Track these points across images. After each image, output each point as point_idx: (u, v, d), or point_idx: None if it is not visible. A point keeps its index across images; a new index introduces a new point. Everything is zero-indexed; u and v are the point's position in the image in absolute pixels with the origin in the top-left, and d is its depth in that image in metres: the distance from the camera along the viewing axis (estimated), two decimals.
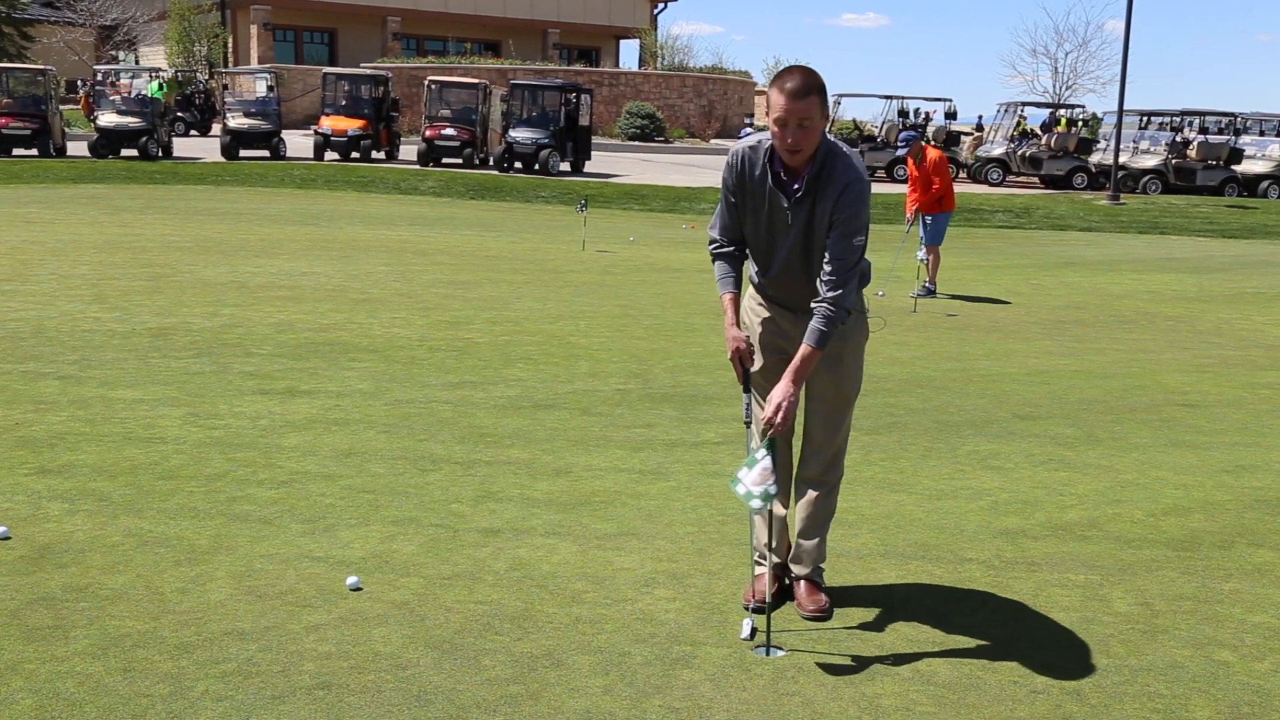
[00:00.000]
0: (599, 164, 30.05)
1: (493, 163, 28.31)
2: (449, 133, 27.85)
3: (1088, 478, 5.49)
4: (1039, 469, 5.60)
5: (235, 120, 27.54)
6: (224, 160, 26.41)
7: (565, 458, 5.45)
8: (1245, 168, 30.44)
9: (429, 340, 8.07)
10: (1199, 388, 7.66)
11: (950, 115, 34.23)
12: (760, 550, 3.92)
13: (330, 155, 28.13)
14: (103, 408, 5.96)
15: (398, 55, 42.55)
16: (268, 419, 5.88)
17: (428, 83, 28.97)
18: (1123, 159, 28.89)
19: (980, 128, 37.41)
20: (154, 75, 30.56)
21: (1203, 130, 32.24)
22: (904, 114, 33.77)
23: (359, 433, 5.71)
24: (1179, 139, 30.97)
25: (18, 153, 25.17)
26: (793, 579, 3.93)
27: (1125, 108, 28.19)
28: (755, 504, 3.49)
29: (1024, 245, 17.66)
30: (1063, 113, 35.46)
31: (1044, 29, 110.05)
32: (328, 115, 28.61)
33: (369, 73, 30.39)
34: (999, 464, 5.66)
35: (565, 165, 28.01)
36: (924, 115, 34.63)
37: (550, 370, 7.31)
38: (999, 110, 33.39)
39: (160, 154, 26.09)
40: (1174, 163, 30.19)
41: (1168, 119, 32.34)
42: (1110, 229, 21.08)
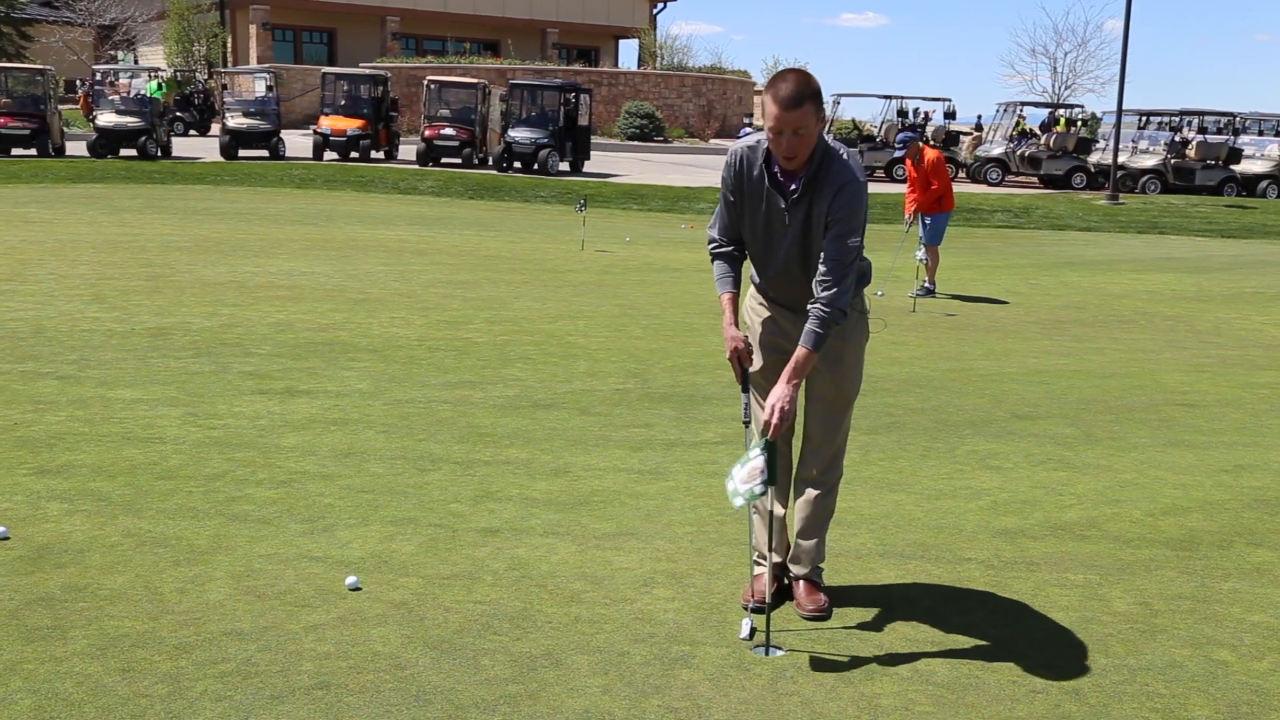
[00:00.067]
0: (598, 164, 30.05)
1: (492, 162, 28.30)
2: (448, 132, 27.86)
3: (1087, 477, 5.49)
4: (1038, 469, 5.60)
5: (234, 120, 27.54)
6: (223, 160, 26.40)
7: (564, 457, 5.46)
8: (1244, 167, 30.45)
9: (428, 340, 8.07)
10: (1198, 387, 7.66)
11: (949, 115, 34.23)
12: (759, 550, 3.92)
13: (329, 155, 28.13)
14: (101, 408, 5.96)
15: (397, 55, 42.56)
16: (267, 419, 5.88)
17: (427, 82, 28.97)
18: (1122, 159, 28.90)
19: (979, 127, 37.44)
20: (153, 75, 30.55)
21: (1201, 130, 32.25)
22: (903, 114, 33.76)
23: (358, 433, 5.71)
24: (1178, 139, 30.97)
25: (16, 152, 25.16)
26: (792, 579, 3.93)
27: (1124, 107, 28.20)
28: (738, 501, 3.48)
29: (1023, 245, 17.67)
30: (1062, 112, 35.48)
31: (1043, 29, 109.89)
32: (327, 115, 28.61)
33: (368, 72, 30.40)
34: (998, 464, 5.66)
35: (564, 165, 28.01)
36: (923, 115, 34.62)
37: (549, 370, 7.31)
38: (998, 110, 33.44)
39: (159, 154, 26.09)
40: (1173, 162, 30.20)
41: (1167, 119, 32.36)
42: (1109, 229, 21.08)
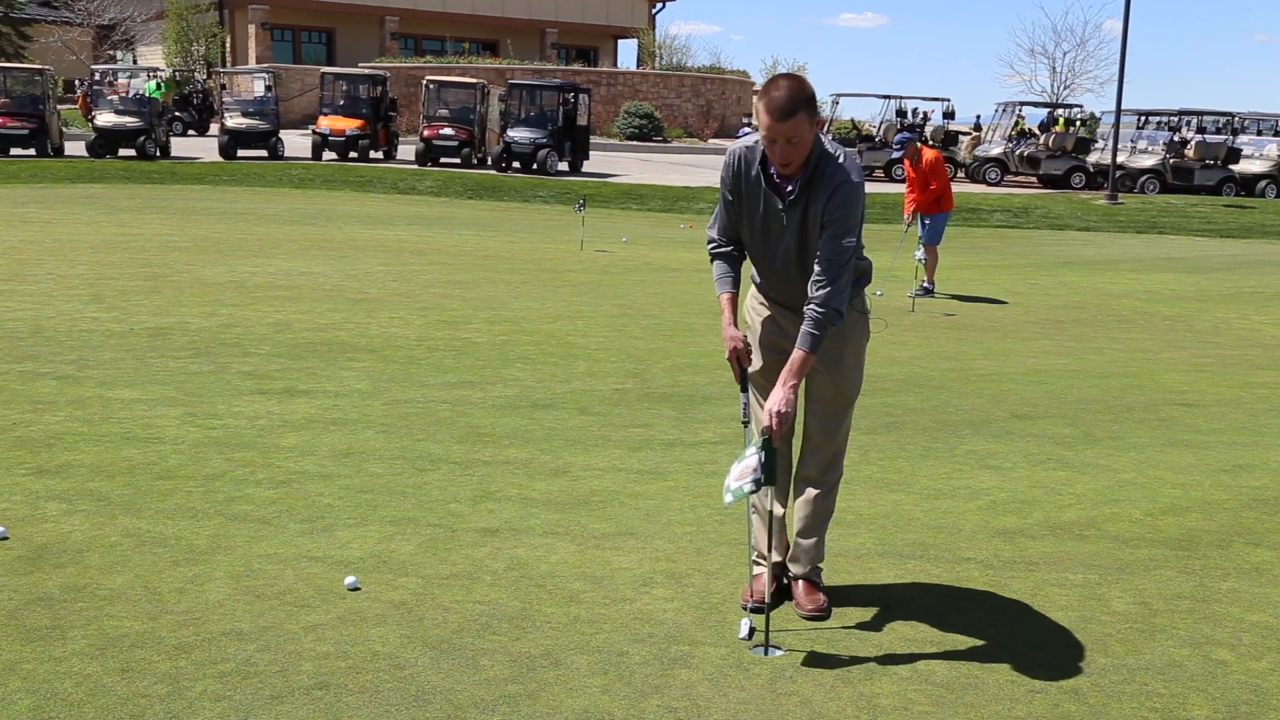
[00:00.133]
0: (597, 164, 30.05)
1: (491, 162, 28.30)
2: (447, 132, 27.85)
3: (1086, 477, 5.49)
4: (1037, 468, 5.60)
5: (233, 120, 27.52)
6: (222, 160, 26.39)
7: (563, 457, 5.45)
8: (1243, 167, 30.45)
9: (427, 340, 8.07)
10: (1197, 387, 7.66)
11: (948, 115, 34.25)
12: (759, 550, 3.93)
13: (328, 155, 28.12)
14: (100, 408, 5.96)
15: (396, 55, 42.55)
16: (266, 419, 5.88)
17: (426, 82, 28.96)
18: (1120, 158, 28.91)
19: (978, 127, 37.43)
20: (152, 75, 30.51)
21: (1200, 130, 32.27)
22: (902, 114, 33.76)
23: (357, 432, 5.71)
24: (1177, 139, 30.98)
25: (15, 152, 25.15)
26: (791, 578, 3.94)
27: (1123, 107, 28.21)
28: (727, 498, 3.49)
29: (1022, 245, 17.67)
30: (1061, 112, 35.50)
31: (1042, 29, 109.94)
32: (326, 115, 28.60)
33: (367, 72, 30.38)
34: (997, 463, 5.66)
35: (563, 165, 28.01)
36: (922, 115, 34.64)
37: (548, 370, 7.31)
38: (997, 110, 33.42)
39: (158, 154, 26.07)
40: (1172, 162, 30.20)
41: (1165, 119, 32.36)
42: (1108, 228, 21.09)
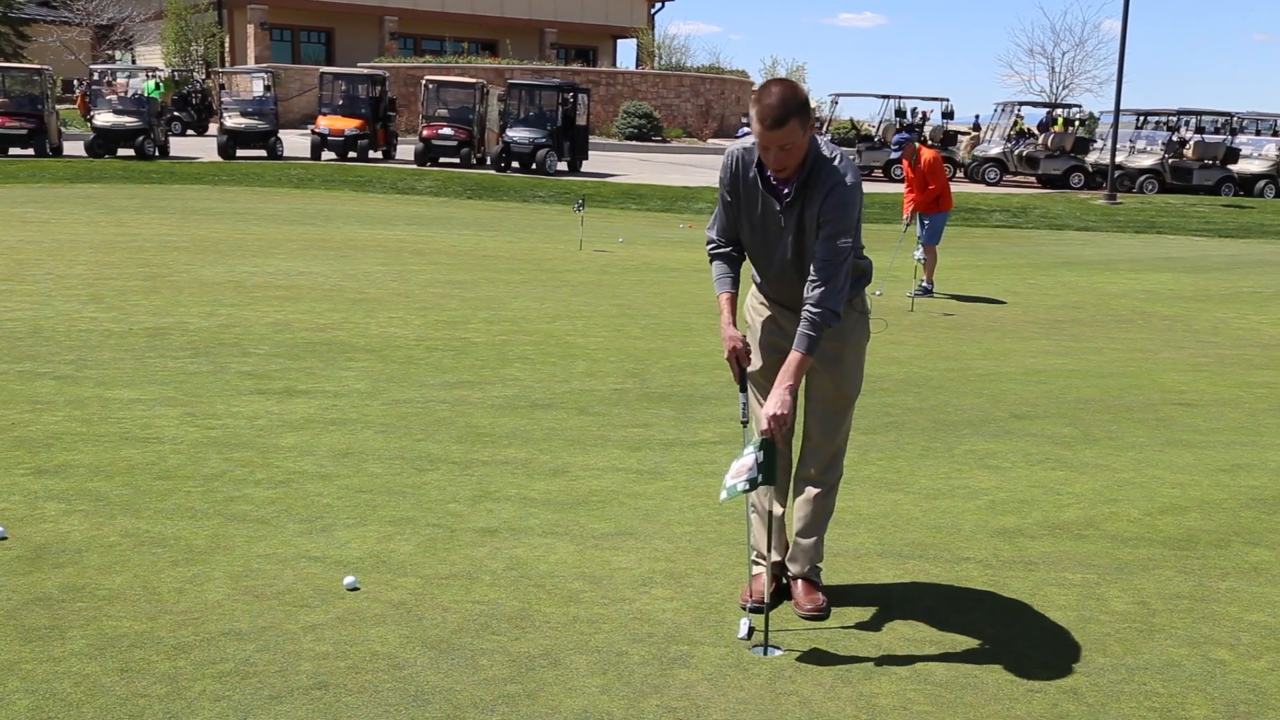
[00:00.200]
0: (596, 163, 30.05)
1: (490, 162, 28.29)
2: (446, 132, 27.84)
3: (1085, 477, 5.49)
4: (1036, 468, 5.61)
5: (232, 120, 27.51)
6: (221, 160, 26.38)
7: (562, 457, 5.45)
8: (1242, 167, 30.46)
9: (426, 340, 8.07)
10: (1195, 387, 7.67)
11: (947, 115, 34.26)
12: (758, 550, 3.93)
13: (327, 155, 28.11)
14: (99, 408, 5.95)
15: (395, 55, 42.54)
16: (265, 419, 5.88)
17: (425, 82, 28.95)
18: (1119, 158, 28.92)
19: (977, 127, 37.43)
20: (150, 75, 30.51)
21: (1199, 130, 32.27)
22: (901, 114, 33.77)
23: (356, 432, 5.71)
24: (1175, 138, 30.98)
25: (14, 152, 25.13)
26: (790, 578, 3.94)
27: (1122, 107, 28.22)
28: (722, 495, 3.49)
29: (1021, 245, 17.67)
30: (1059, 112, 35.50)
31: (1041, 29, 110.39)
32: (325, 115, 28.58)
33: (366, 72, 30.36)
34: (996, 463, 5.66)
35: (562, 165, 28.01)
36: (921, 115, 34.65)
37: (547, 370, 7.31)
38: (996, 110, 33.42)
39: (157, 153, 26.05)
40: (1170, 162, 30.20)
41: (1164, 118, 32.37)
42: (1107, 228, 21.10)
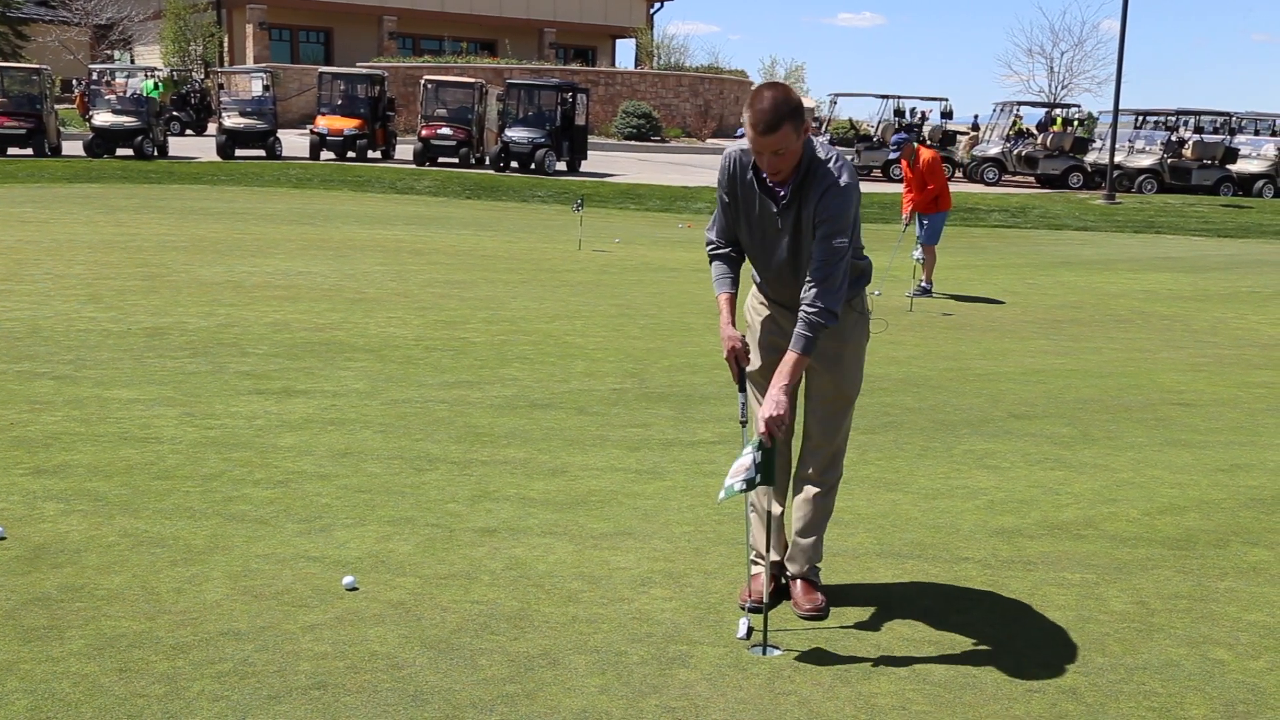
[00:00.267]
0: (595, 163, 30.04)
1: (489, 162, 28.28)
2: (445, 132, 27.82)
3: (1084, 477, 5.49)
4: (1035, 468, 5.61)
5: (231, 119, 27.49)
6: (219, 160, 26.37)
7: (561, 457, 5.45)
8: (1240, 167, 30.46)
9: (425, 340, 8.07)
10: (1194, 387, 7.67)
11: (946, 115, 34.26)
12: (757, 550, 3.93)
13: (326, 155, 28.09)
14: (98, 408, 5.95)
15: (394, 55, 42.52)
16: (264, 419, 5.88)
17: (424, 82, 28.93)
18: (1118, 158, 28.92)
19: (976, 127, 37.44)
20: (149, 74, 30.48)
21: (1198, 130, 32.28)
22: (900, 113, 33.78)
23: (355, 432, 5.71)
24: (1174, 138, 30.98)
25: (13, 152, 25.12)
26: (789, 578, 3.94)
27: (1121, 107, 28.22)
28: (720, 495, 3.50)
29: (1020, 245, 17.68)
30: (1058, 112, 35.51)
31: (1040, 29, 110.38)
32: (323, 115, 28.55)
33: (365, 72, 30.35)
34: (995, 463, 5.66)
35: (561, 165, 28.00)
36: (920, 115, 34.66)
37: (546, 370, 7.31)
38: (995, 110, 33.40)
39: (155, 153, 26.03)
40: (1169, 162, 30.21)
41: (1163, 118, 32.38)
42: (1106, 228, 21.10)
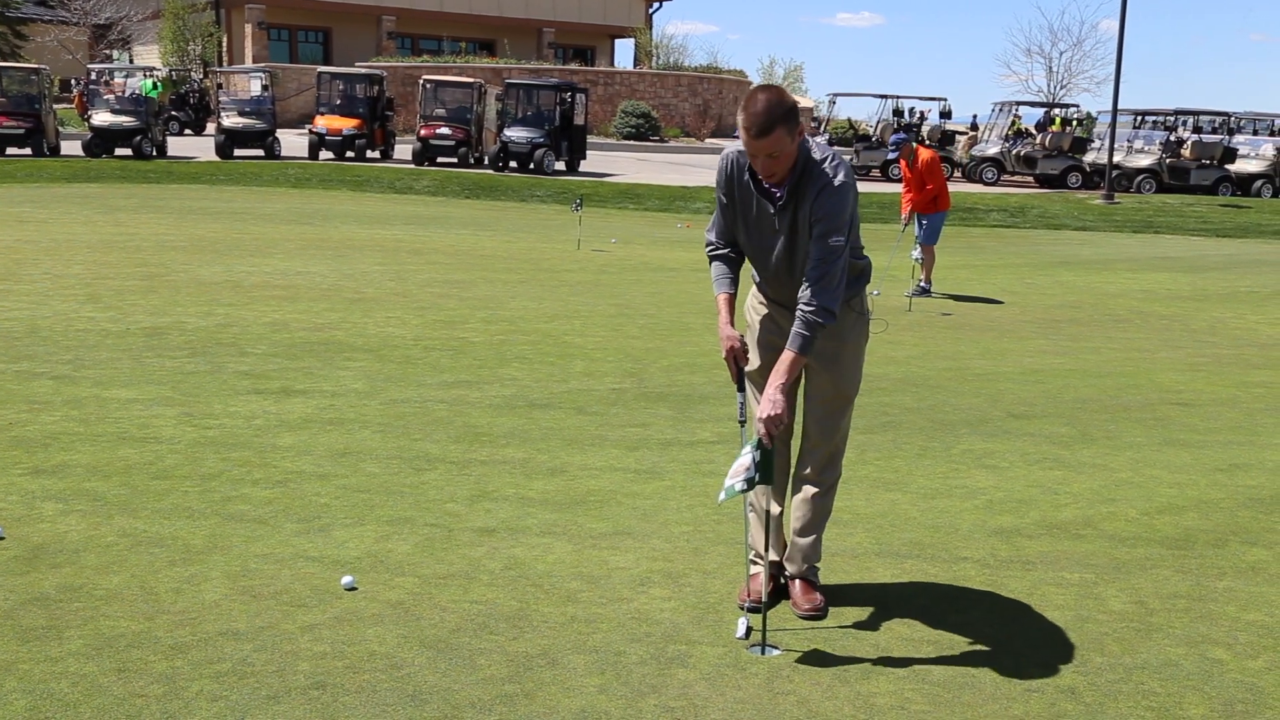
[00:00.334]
0: (594, 163, 30.04)
1: (488, 162, 28.26)
2: (444, 132, 27.81)
3: (1082, 476, 5.49)
4: (1034, 468, 5.61)
5: (230, 119, 27.48)
6: (218, 159, 26.36)
7: (560, 457, 5.45)
8: (1239, 167, 30.47)
9: (424, 340, 8.07)
10: (1193, 386, 7.67)
11: (945, 114, 34.25)
12: (756, 549, 3.93)
13: (325, 154, 28.07)
14: (97, 407, 5.95)
15: (392, 54, 42.50)
16: (262, 419, 5.87)
17: (423, 82, 28.93)
18: (1117, 158, 28.92)
19: (975, 127, 37.44)
20: (148, 74, 30.46)
21: (1197, 129, 32.28)
22: (899, 113, 33.78)
23: (354, 432, 5.71)
24: (1173, 138, 30.99)
25: (11, 152, 25.11)
26: (788, 578, 3.94)
27: (1119, 107, 28.22)
28: (720, 496, 3.50)
29: (1019, 244, 17.69)
30: (1057, 112, 35.50)
31: (1038, 28, 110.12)
32: (322, 114, 28.53)
33: (364, 72, 30.34)
34: (994, 463, 5.66)
35: (560, 164, 27.99)
36: (919, 114, 34.66)
37: (545, 370, 7.31)
38: (994, 109, 33.41)
39: (154, 153, 26.02)
40: (1168, 162, 30.22)
41: (1162, 118, 32.39)
42: (1105, 228, 21.11)
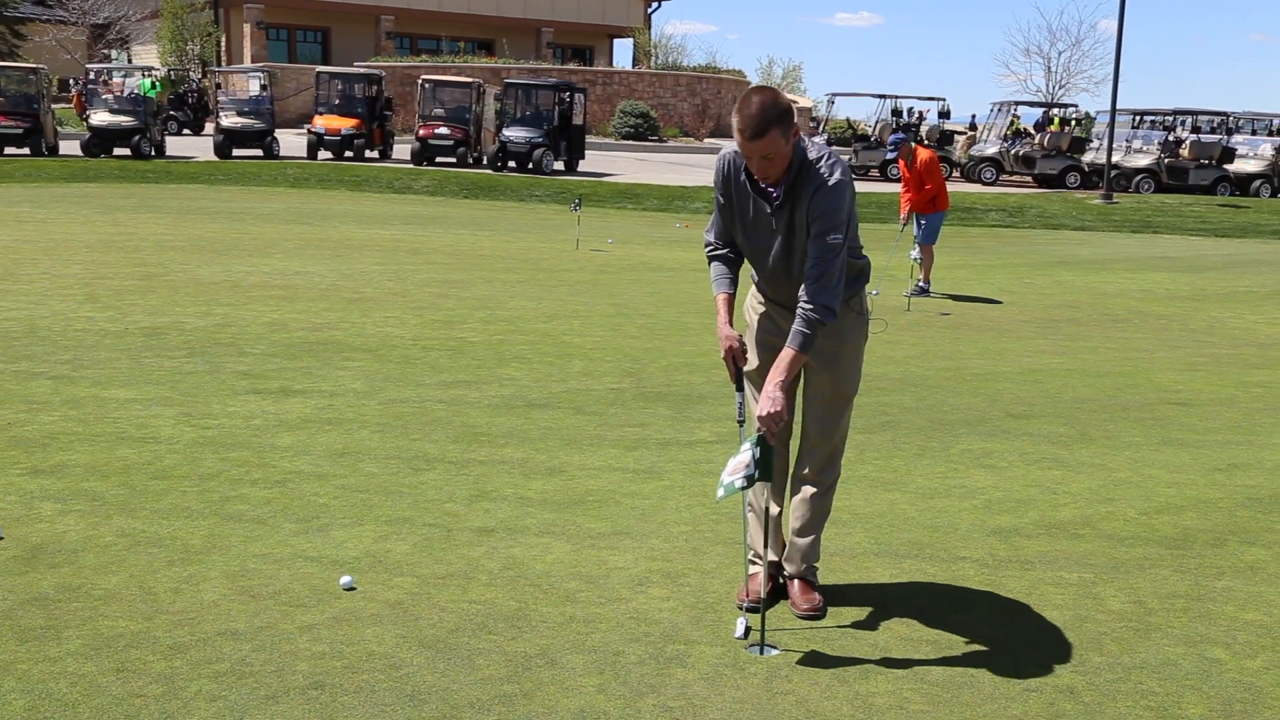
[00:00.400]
0: (593, 163, 30.03)
1: (486, 162, 28.25)
2: (443, 132, 27.79)
3: (1081, 476, 5.50)
4: (1032, 467, 5.61)
5: (228, 119, 27.45)
6: (217, 159, 26.34)
7: (559, 457, 5.45)
8: (1237, 167, 30.49)
9: (423, 339, 8.07)
10: (1191, 386, 7.68)
11: (944, 114, 34.24)
12: (754, 549, 3.93)
13: (324, 154, 28.05)
14: (95, 407, 5.95)
15: (391, 54, 42.46)
16: (261, 419, 5.87)
17: (421, 82, 28.92)
18: (1116, 158, 28.93)
19: (974, 127, 37.44)
20: (146, 74, 30.46)
21: (1195, 129, 32.30)
22: (897, 113, 33.78)
23: (353, 432, 5.71)
24: (1171, 138, 31.01)
25: (10, 152, 25.09)
26: (786, 578, 3.94)
27: (1118, 107, 28.23)
28: (719, 493, 3.50)
29: (1017, 244, 17.69)
30: (1056, 112, 35.53)
31: (1037, 28, 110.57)
32: (321, 114, 28.50)
33: (362, 72, 30.32)
34: (992, 463, 5.67)
35: (559, 164, 27.98)
36: (918, 114, 34.65)
37: (544, 369, 7.31)
38: (992, 109, 33.41)
39: (153, 153, 26.00)
40: (1167, 162, 30.23)
41: (1160, 118, 32.41)
42: (1103, 228, 21.12)
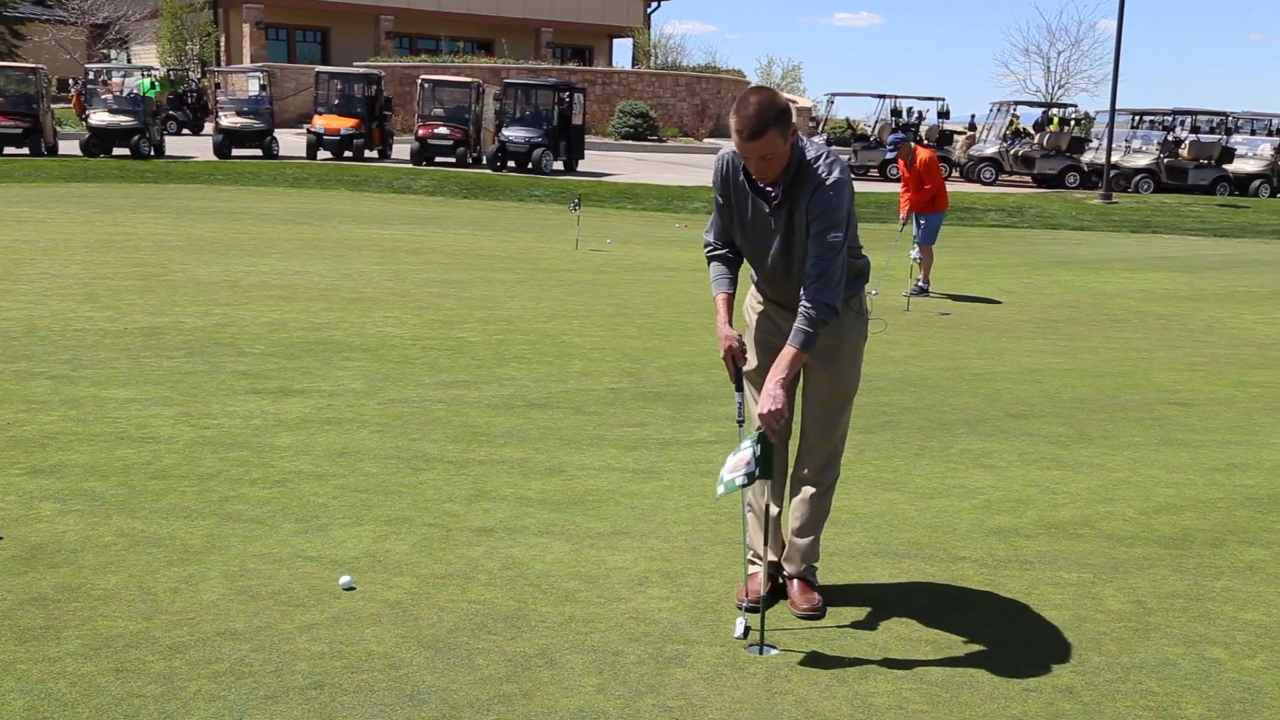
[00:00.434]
0: (592, 163, 30.03)
1: (486, 162, 28.25)
2: (442, 131, 27.79)
3: (1080, 476, 5.50)
4: (1031, 467, 5.61)
5: (227, 119, 27.45)
6: (216, 159, 26.34)
7: (558, 457, 5.45)
8: (1237, 167, 30.51)
9: (422, 339, 8.07)
10: (1191, 386, 7.68)
11: (943, 114, 34.25)
12: (754, 549, 3.93)
13: (323, 154, 28.05)
14: (95, 407, 5.95)
15: (390, 54, 42.47)
16: (260, 418, 5.87)
17: (421, 81, 28.93)
18: (1115, 158, 28.95)
19: (973, 127, 37.46)
20: (146, 74, 30.46)
21: (1194, 129, 32.32)
22: (897, 113, 33.79)
23: (352, 432, 5.71)
24: (1171, 138, 31.02)
25: (9, 151, 25.09)
26: (786, 577, 3.94)
27: (1117, 107, 28.25)
28: (719, 490, 3.50)
29: (1017, 244, 17.70)
30: (1055, 112, 35.54)
31: (1036, 28, 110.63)
32: (320, 114, 28.49)
33: (362, 71, 30.32)
34: (992, 463, 5.67)
35: (558, 164, 27.98)
36: (917, 114, 34.66)
37: (543, 369, 7.31)
38: (992, 109, 33.44)
39: (152, 153, 26.00)
40: (1166, 162, 30.25)
41: (1160, 118, 32.42)
42: (1102, 228, 21.13)
